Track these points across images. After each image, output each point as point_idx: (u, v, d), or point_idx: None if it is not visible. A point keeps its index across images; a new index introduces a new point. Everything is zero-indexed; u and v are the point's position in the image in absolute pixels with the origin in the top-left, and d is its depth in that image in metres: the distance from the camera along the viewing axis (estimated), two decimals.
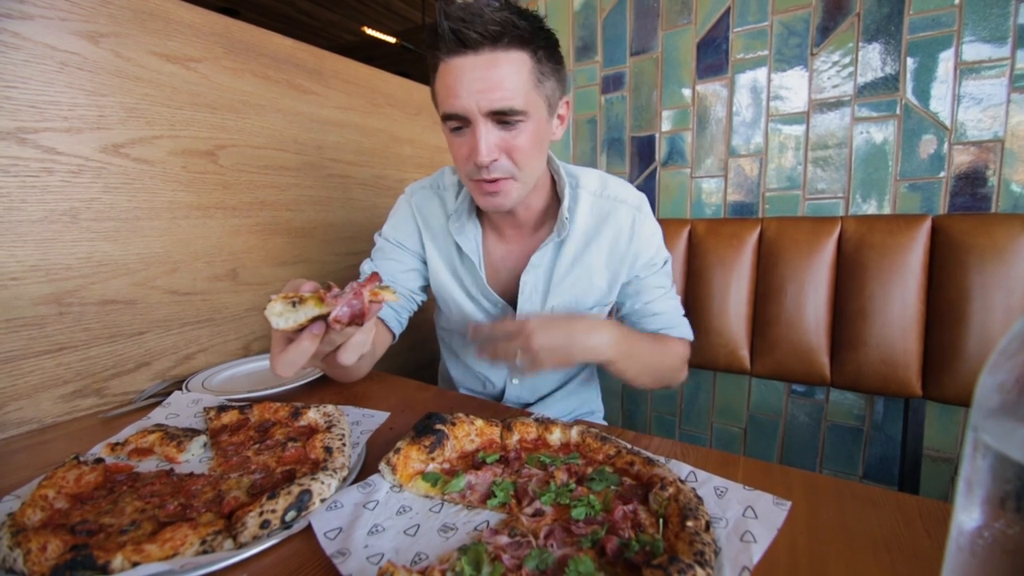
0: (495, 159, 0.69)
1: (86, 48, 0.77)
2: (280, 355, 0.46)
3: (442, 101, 0.70)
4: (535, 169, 0.75)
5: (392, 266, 0.90)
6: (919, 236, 0.93)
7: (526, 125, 0.70)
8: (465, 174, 0.74)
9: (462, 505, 0.49)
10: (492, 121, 0.68)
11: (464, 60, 0.65)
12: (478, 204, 0.78)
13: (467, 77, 0.65)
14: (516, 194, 0.74)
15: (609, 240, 0.84)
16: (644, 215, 0.85)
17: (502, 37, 0.64)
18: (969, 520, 0.23)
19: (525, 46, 0.67)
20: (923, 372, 0.93)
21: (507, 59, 0.66)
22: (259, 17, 6.62)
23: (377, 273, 0.48)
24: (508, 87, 0.66)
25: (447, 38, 0.64)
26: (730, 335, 1.08)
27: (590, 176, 0.87)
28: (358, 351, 0.49)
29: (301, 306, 0.45)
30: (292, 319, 0.44)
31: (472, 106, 0.66)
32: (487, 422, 0.61)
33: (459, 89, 0.66)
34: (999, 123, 0.99)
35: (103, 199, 0.80)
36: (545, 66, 0.70)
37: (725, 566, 0.39)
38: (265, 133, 1.05)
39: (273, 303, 0.44)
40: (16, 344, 0.71)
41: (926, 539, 0.42)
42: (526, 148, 0.71)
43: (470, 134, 0.69)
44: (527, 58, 0.68)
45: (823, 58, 1.12)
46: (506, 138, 0.69)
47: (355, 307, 0.45)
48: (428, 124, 1.53)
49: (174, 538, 0.41)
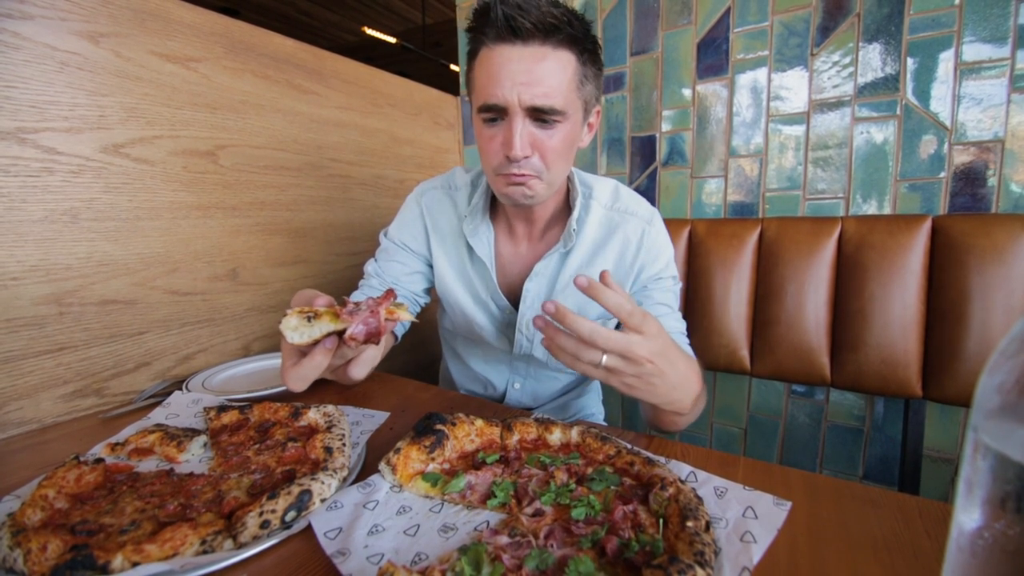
0: (527, 156, 0.68)
1: (86, 48, 0.77)
2: (293, 369, 0.46)
3: (480, 88, 0.68)
4: (562, 172, 0.74)
5: (396, 268, 0.89)
6: (919, 236, 0.93)
7: (562, 127, 0.68)
8: (491, 167, 0.72)
9: (462, 505, 0.49)
10: (529, 117, 0.67)
11: (512, 50, 0.64)
12: (500, 195, 0.76)
13: (512, 67, 0.64)
14: (540, 192, 0.73)
15: (616, 252, 0.82)
16: (655, 229, 0.83)
17: (556, 33, 0.63)
18: (969, 521, 0.23)
19: (574, 46, 0.66)
20: (923, 372, 0.93)
21: (555, 56, 0.65)
22: (259, 17, 6.62)
23: (392, 290, 0.48)
24: (552, 84, 0.65)
25: (499, 23, 0.62)
26: (730, 335, 1.08)
27: (604, 187, 0.85)
28: (369, 366, 0.49)
29: (316, 321, 0.44)
30: (307, 334, 0.44)
31: (513, 98, 0.64)
32: (487, 422, 0.61)
33: (502, 78, 0.64)
34: (999, 123, 0.99)
35: (103, 199, 0.80)
36: (588, 70, 0.69)
37: (725, 566, 0.39)
38: (265, 133, 1.05)
39: (288, 317, 0.44)
40: (16, 344, 0.71)
41: (926, 539, 0.42)
42: (558, 150, 0.70)
43: (504, 126, 0.68)
44: (573, 59, 0.66)
45: (823, 58, 1.12)
46: (540, 137, 0.68)
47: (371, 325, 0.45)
48: (428, 124, 1.53)
49: (174, 538, 0.41)
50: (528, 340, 0.86)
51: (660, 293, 0.82)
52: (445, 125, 1.61)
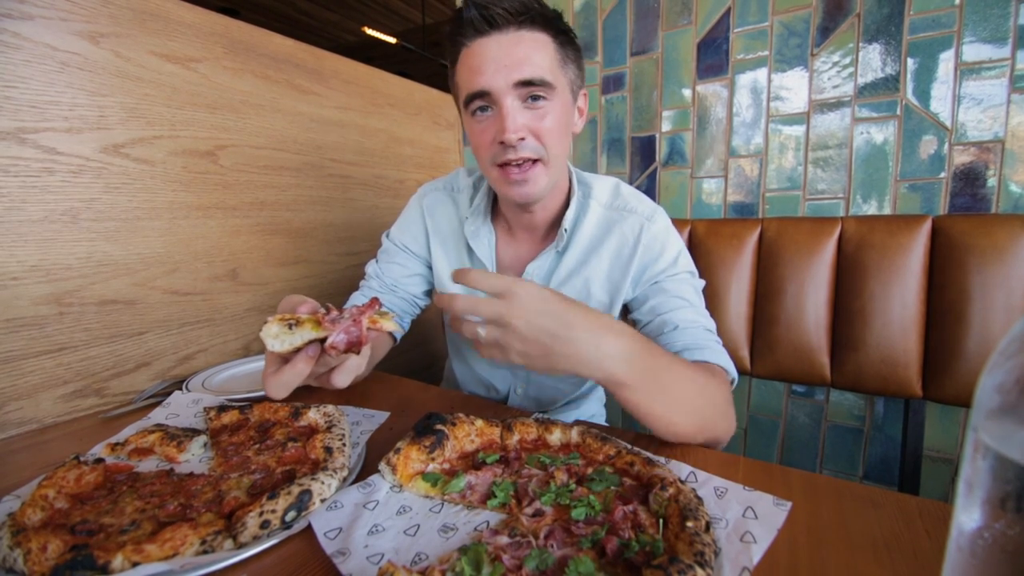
0: (522, 137, 0.68)
1: (86, 48, 0.77)
2: (274, 376, 0.45)
3: (465, 83, 0.69)
4: (561, 153, 0.74)
5: (396, 270, 0.89)
6: (919, 237, 0.93)
7: (552, 104, 0.69)
8: (489, 160, 0.71)
9: (462, 505, 0.49)
10: (519, 97, 0.67)
11: (489, 40, 0.66)
12: (503, 195, 0.75)
13: (492, 54, 0.66)
14: (544, 181, 0.72)
15: (612, 251, 0.80)
16: (656, 226, 0.79)
17: (525, 14, 0.66)
18: (969, 521, 0.23)
19: (548, 27, 0.68)
20: (923, 372, 0.93)
21: (532, 37, 0.67)
22: (259, 17, 6.62)
23: (377, 299, 0.47)
24: (535, 59, 0.66)
25: (474, 19, 0.65)
26: (730, 335, 1.08)
27: (604, 186, 0.84)
28: (353, 374, 0.48)
29: (298, 328, 0.44)
30: (288, 342, 0.44)
31: (498, 82, 0.66)
32: (487, 422, 0.61)
33: (484, 66, 0.66)
34: (999, 124, 0.99)
35: (103, 199, 0.80)
36: (567, 52, 0.71)
37: (725, 566, 0.39)
38: (265, 133, 1.05)
39: (269, 324, 0.43)
40: (16, 344, 0.71)
41: (926, 540, 0.42)
42: (553, 129, 0.69)
43: (495, 115, 0.68)
44: (549, 39, 0.68)
45: (823, 58, 1.12)
46: (532, 118, 0.68)
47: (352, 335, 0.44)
48: (428, 124, 1.53)
49: (174, 538, 0.41)
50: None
51: (675, 286, 0.77)
52: (445, 125, 1.61)
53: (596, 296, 0.82)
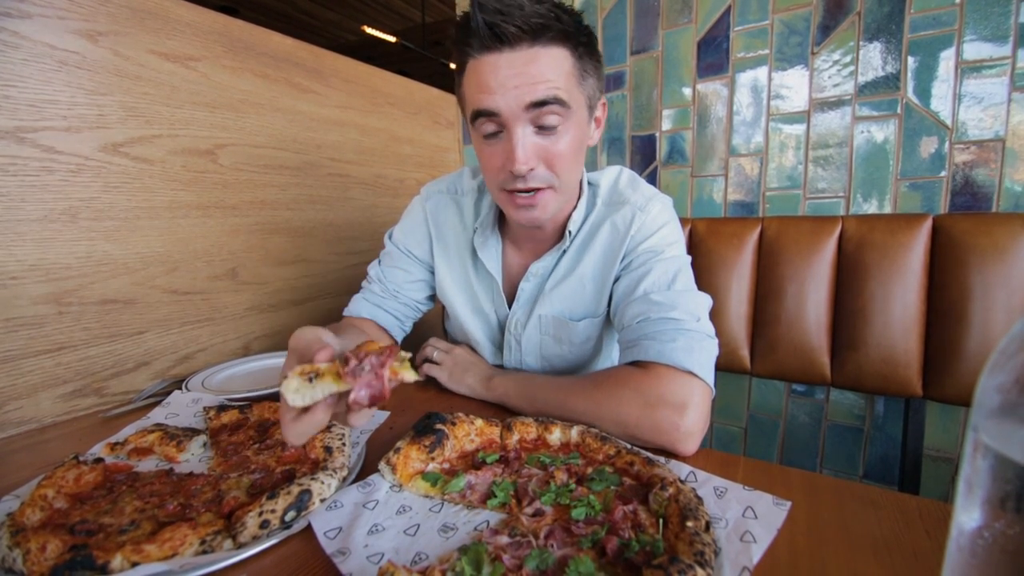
0: (532, 168, 0.64)
1: (85, 47, 0.76)
2: (292, 425, 0.44)
3: (472, 97, 0.63)
4: (573, 178, 0.70)
5: (399, 275, 0.89)
6: (920, 236, 0.93)
7: (566, 125, 0.64)
8: (497, 185, 0.68)
9: (462, 505, 0.49)
10: (531, 124, 0.63)
11: (499, 57, 0.59)
12: (510, 218, 0.72)
13: (502, 74, 0.59)
14: (553, 206, 0.69)
15: (603, 244, 0.77)
16: (649, 216, 0.74)
17: (544, 32, 0.59)
18: (969, 520, 0.23)
19: (567, 41, 0.61)
20: (923, 372, 0.93)
21: (548, 54, 0.60)
22: (258, 16, 6.61)
23: (396, 346, 0.46)
24: (549, 77, 0.60)
25: (481, 32, 0.58)
26: (730, 335, 1.08)
27: (606, 181, 0.80)
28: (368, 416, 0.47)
29: (318, 382, 0.43)
30: (309, 396, 0.43)
31: (508, 103, 0.60)
32: (487, 422, 0.61)
33: (493, 85, 0.60)
34: (1000, 122, 0.99)
35: (102, 198, 0.80)
36: (587, 63, 0.65)
37: (725, 566, 0.39)
38: (265, 132, 1.05)
39: (289, 380, 0.43)
40: (15, 344, 0.71)
41: (926, 539, 0.42)
42: (565, 155, 0.65)
43: (505, 140, 0.64)
44: (568, 54, 0.62)
45: (824, 57, 1.12)
46: (544, 145, 0.64)
47: (375, 388, 0.43)
48: (428, 124, 1.53)
49: (173, 538, 0.41)
50: (516, 341, 0.85)
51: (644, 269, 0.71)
52: (445, 124, 1.61)
53: (587, 291, 0.79)
